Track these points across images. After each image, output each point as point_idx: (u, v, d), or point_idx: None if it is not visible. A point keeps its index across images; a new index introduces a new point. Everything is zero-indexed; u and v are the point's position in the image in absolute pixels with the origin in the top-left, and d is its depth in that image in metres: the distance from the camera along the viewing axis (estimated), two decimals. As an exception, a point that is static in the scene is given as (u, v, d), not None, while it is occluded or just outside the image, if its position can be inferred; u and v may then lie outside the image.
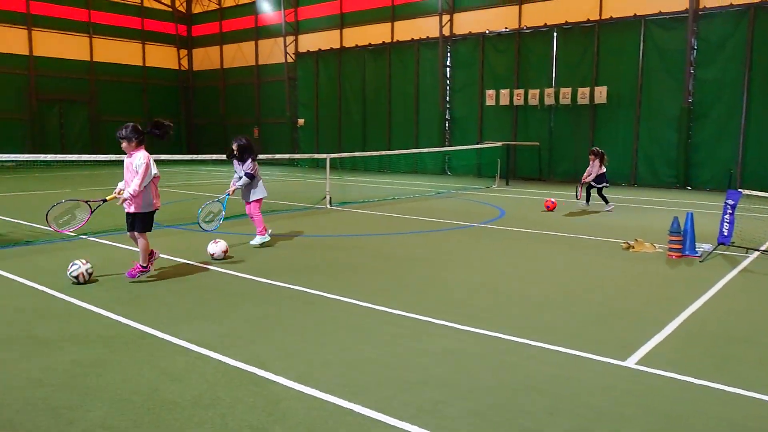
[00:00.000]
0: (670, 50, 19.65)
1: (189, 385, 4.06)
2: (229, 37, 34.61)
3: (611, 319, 5.60)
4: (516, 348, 4.81)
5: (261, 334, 5.12)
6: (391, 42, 26.88)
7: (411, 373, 4.27)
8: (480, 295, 6.44)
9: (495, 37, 23.69)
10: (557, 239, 9.94)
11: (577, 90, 21.25)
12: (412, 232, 10.60)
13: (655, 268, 7.86)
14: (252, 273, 7.27)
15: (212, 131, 36.24)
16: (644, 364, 4.46)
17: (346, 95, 28.96)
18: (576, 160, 21.91)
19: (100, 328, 5.23)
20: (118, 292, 6.46)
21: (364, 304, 5.98)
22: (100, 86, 32.80)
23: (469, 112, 24.82)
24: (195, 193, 16.82)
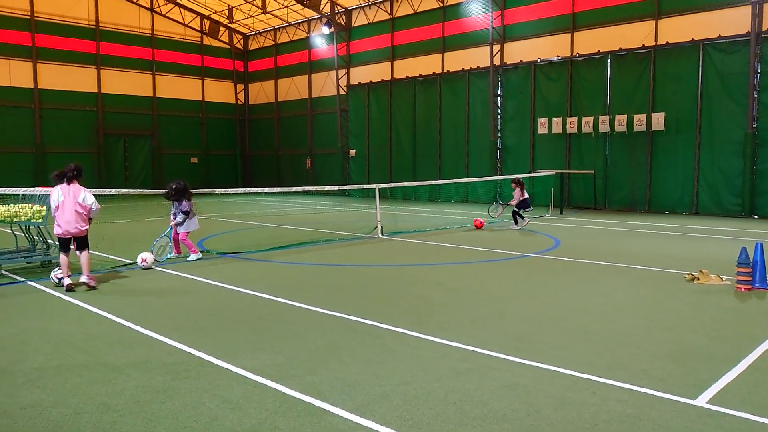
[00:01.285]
0: (732, 74, 19.07)
1: (248, 414, 4.09)
2: (284, 72, 35.64)
3: (679, 355, 5.37)
4: (580, 384, 4.66)
5: (319, 364, 5.13)
6: (442, 72, 27.09)
7: (470, 408, 4.19)
8: (540, 328, 6.29)
9: (546, 65, 23.57)
10: (616, 270, 9.66)
11: (633, 117, 20.81)
12: (466, 263, 10.50)
13: (723, 301, 7.51)
14: (310, 303, 7.33)
15: (266, 163, 37.15)
16: (716, 404, 4.24)
17: (396, 126, 29.24)
18: (633, 188, 21.37)
19: (163, 356, 5.36)
20: (180, 320, 6.62)
21: (423, 336, 5.93)
22: (162, 121, 34.21)
23: (520, 141, 24.63)
24: (251, 223, 17.19)
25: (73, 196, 8.06)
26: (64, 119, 30.32)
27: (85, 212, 8.13)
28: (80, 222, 8.08)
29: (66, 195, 8.05)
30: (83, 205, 8.10)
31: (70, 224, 8.02)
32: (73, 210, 8.01)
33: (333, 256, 11.19)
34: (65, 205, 8.01)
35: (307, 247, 12.38)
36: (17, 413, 4.14)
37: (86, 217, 8.17)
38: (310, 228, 15.81)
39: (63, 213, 8.02)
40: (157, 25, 33.71)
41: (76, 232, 8.09)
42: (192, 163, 35.61)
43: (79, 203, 8.06)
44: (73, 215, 8.01)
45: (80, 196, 8.10)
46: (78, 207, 8.06)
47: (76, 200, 8.04)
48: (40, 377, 4.82)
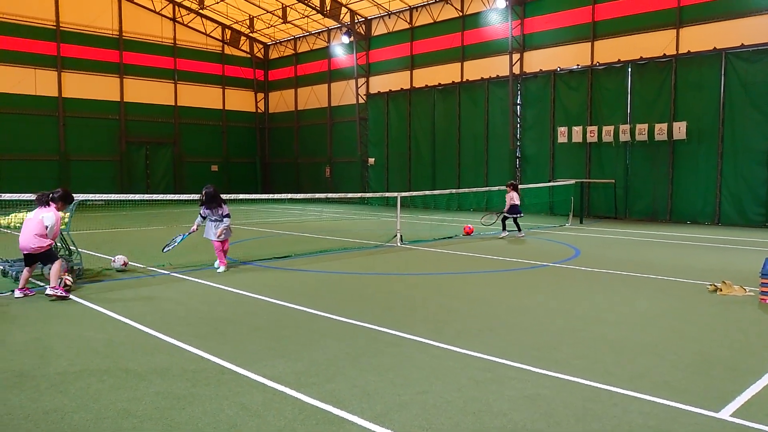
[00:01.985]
0: (756, 83, 18.81)
1: (267, 422, 4.11)
2: (303, 80, 35.91)
3: (702, 367, 5.28)
4: (601, 395, 4.61)
5: (338, 372, 5.14)
6: (461, 81, 27.09)
7: (490, 419, 4.16)
8: (561, 338, 6.23)
9: (566, 74, 23.46)
10: (637, 280, 9.55)
11: (654, 126, 20.60)
12: (486, 272, 10.46)
13: (746, 312, 7.38)
14: (329, 311, 7.35)
15: (286, 171, 37.41)
16: (740, 417, 4.17)
17: (415, 134, 29.28)
18: (654, 197, 21.13)
19: (183, 362, 5.40)
20: (200, 327, 6.67)
21: (442, 345, 5.91)
22: (183, 129, 34.63)
23: (540, 150, 24.51)
24: (270, 231, 17.30)
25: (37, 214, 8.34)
26: (88, 127, 30.82)
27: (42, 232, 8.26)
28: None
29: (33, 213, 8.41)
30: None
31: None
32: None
33: (352, 265, 11.21)
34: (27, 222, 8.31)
35: (326, 255, 12.42)
36: (40, 417, 4.20)
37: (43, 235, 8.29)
38: (329, 236, 15.86)
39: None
40: (179, 34, 34.20)
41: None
42: (212, 171, 35.97)
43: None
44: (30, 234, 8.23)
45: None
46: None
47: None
48: (62, 382, 4.89)
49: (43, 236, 8.17)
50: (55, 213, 8.30)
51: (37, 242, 8.15)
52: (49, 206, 8.37)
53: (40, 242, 8.15)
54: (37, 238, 8.15)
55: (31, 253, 8.22)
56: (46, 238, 8.20)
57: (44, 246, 8.19)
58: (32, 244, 8.16)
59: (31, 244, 8.15)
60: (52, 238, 8.28)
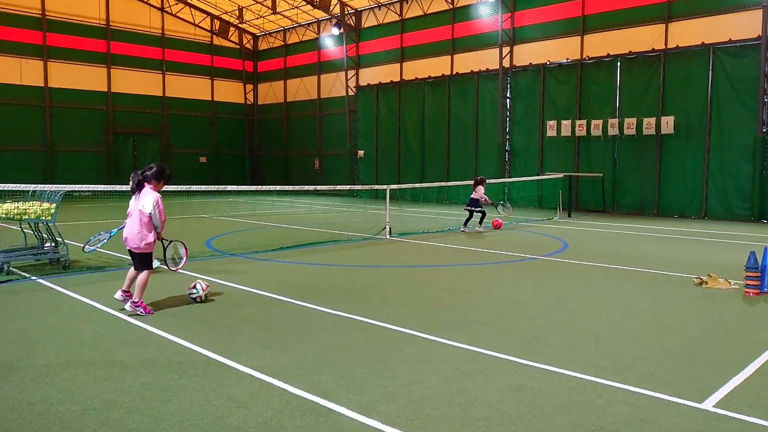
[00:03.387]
0: (742, 78, 18.96)
1: (254, 413, 4.11)
2: (293, 72, 35.74)
3: (687, 359, 5.34)
4: (587, 386, 4.65)
5: (326, 363, 5.15)
6: (451, 74, 27.08)
7: (476, 409, 4.19)
8: (548, 331, 6.28)
9: (556, 68, 23.51)
10: (624, 273, 9.62)
11: (642, 120, 20.72)
12: (475, 264, 10.49)
13: (731, 305, 7.47)
14: (317, 303, 7.35)
15: (275, 163, 37.28)
16: (723, 408, 4.22)
17: (405, 127, 29.25)
18: (642, 191, 21.28)
19: (171, 354, 5.39)
20: (188, 319, 6.65)
21: (431, 337, 5.93)
22: (172, 120, 34.39)
23: (529, 143, 24.58)
24: (259, 222, 17.25)
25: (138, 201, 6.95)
26: (74, 118, 30.54)
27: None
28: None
29: (135, 200, 6.99)
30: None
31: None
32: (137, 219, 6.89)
33: (341, 257, 11.21)
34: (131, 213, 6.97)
35: (315, 247, 12.41)
36: (25, 409, 4.17)
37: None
38: (318, 228, 15.84)
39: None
40: (168, 24, 33.90)
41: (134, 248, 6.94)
42: (201, 162, 35.78)
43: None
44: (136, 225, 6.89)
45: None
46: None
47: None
48: (48, 374, 4.86)
49: (147, 228, 6.85)
50: (153, 195, 6.86)
51: (141, 238, 6.82)
52: (145, 188, 6.94)
53: (144, 238, 6.82)
54: (141, 232, 6.81)
55: (132, 251, 6.93)
56: (151, 230, 6.88)
57: (149, 243, 6.88)
58: (136, 241, 6.82)
59: (134, 242, 6.83)
60: (160, 228, 6.98)
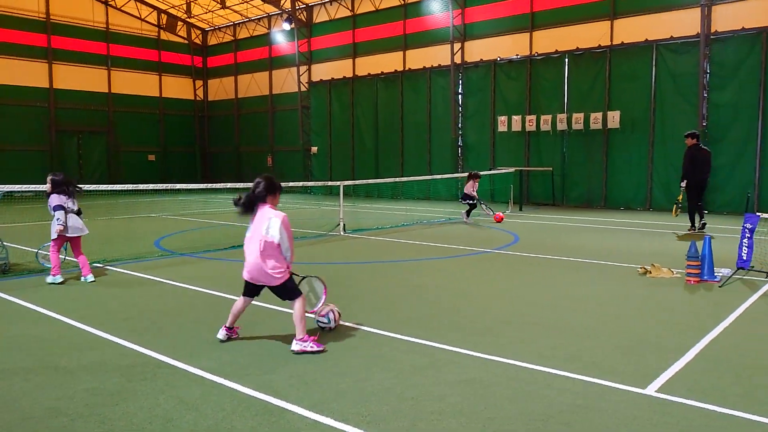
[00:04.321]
0: (683, 74, 19.65)
1: (205, 415, 4.04)
2: (244, 68, 35.20)
3: (631, 347, 5.52)
4: (536, 376, 4.75)
5: (278, 363, 5.10)
6: (403, 70, 27.17)
7: (428, 403, 4.23)
8: (500, 323, 6.38)
9: (506, 64, 23.87)
10: (573, 264, 9.87)
11: (589, 115, 21.26)
12: (427, 259, 10.58)
13: (673, 293, 7.75)
14: (270, 302, 7.26)
15: (226, 160, 36.68)
16: (664, 392, 4.38)
17: (358, 123, 29.21)
18: (590, 184, 21.83)
19: (118, 358, 5.24)
20: (136, 321, 6.49)
21: (384, 333, 5.95)
22: (118, 117, 33.41)
23: (481, 139, 24.90)
24: (210, 221, 16.95)
25: (257, 227, 5.66)
26: (14, 115, 29.31)
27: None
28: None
29: (253, 225, 5.72)
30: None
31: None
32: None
33: (295, 254, 11.10)
34: (250, 242, 5.68)
35: (267, 245, 12.25)
36: (-38, 419, 4.00)
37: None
38: (271, 226, 15.65)
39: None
40: (112, 19, 32.90)
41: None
42: (149, 160, 34.92)
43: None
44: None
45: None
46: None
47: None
48: (-14, 382, 4.66)
49: (278, 258, 5.59)
50: (278, 216, 5.58)
51: (272, 273, 5.55)
52: (263, 208, 5.65)
53: (277, 270, 5.57)
54: (271, 264, 5.55)
55: (265, 285, 5.66)
56: (282, 259, 5.63)
57: (284, 271, 5.63)
58: (266, 277, 5.56)
59: (265, 278, 5.57)
60: (289, 257, 5.72)
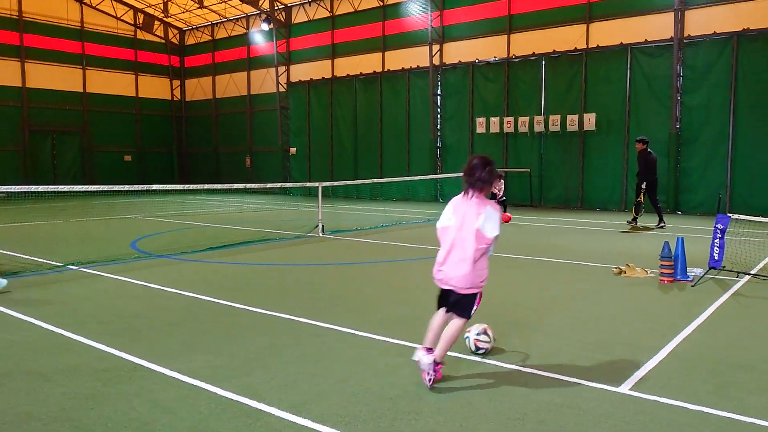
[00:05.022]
0: (657, 77, 19.99)
1: (181, 418, 4.02)
2: (222, 68, 34.96)
3: (606, 346, 5.61)
4: (512, 376, 4.81)
5: (257, 365, 5.09)
6: (382, 71, 27.22)
7: (406, 403, 4.25)
8: (476, 323, 6.42)
9: (484, 66, 24.05)
10: (549, 265, 9.98)
11: (566, 117, 21.51)
12: (407, 260, 10.61)
13: (647, 293, 7.89)
14: (249, 304, 7.24)
15: (204, 161, 36.39)
16: (638, 390, 4.46)
17: (337, 124, 29.19)
18: (567, 186, 22.09)
19: (93, 361, 5.18)
20: (112, 324, 6.41)
21: (363, 334, 5.96)
22: (93, 117, 32.95)
23: (459, 140, 25.05)
24: (188, 222, 16.80)
25: (466, 217, 4.60)
26: (-15, 115, 28.79)
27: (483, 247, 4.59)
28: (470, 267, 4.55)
29: (458, 214, 4.65)
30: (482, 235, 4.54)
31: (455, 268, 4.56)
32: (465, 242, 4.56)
33: (273, 256, 11.08)
34: (453, 233, 4.63)
35: (246, 246, 12.21)
36: (-68, 426, 3.92)
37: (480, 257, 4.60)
38: (250, 227, 15.60)
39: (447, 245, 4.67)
40: (87, 17, 32.44)
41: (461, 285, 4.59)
42: (125, 160, 34.49)
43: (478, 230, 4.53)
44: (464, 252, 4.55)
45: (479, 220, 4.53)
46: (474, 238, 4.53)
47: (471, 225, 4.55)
48: (-43, 387, 4.58)
49: (485, 258, 4.67)
50: (495, 210, 4.63)
51: (476, 274, 4.57)
52: (477, 196, 4.66)
53: (482, 271, 4.63)
54: (477, 264, 4.57)
55: (456, 291, 4.61)
56: (486, 265, 4.69)
57: (484, 281, 4.68)
58: (467, 278, 4.54)
59: (465, 280, 4.55)
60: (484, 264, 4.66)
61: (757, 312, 6.92)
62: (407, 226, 15.85)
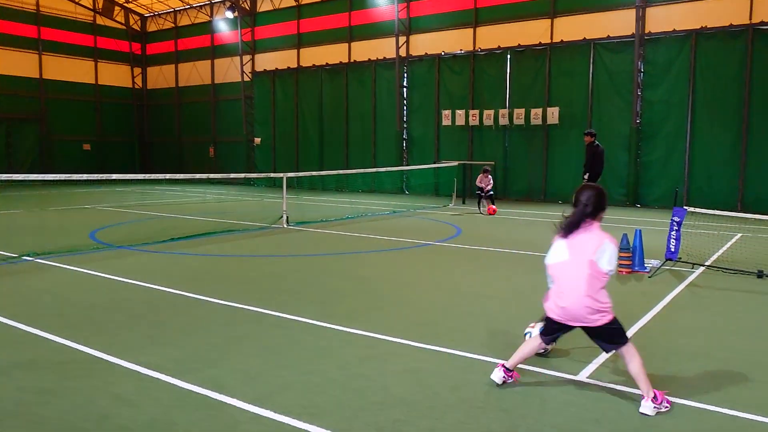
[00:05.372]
0: (619, 72, 20.39)
1: (142, 410, 3.96)
2: (185, 56, 34.29)
3: (566, 335, 5.71)
4: (476, 365, 4.87)
5: (221, 357, 5.04)
6: (348, 62, 27.09)
7: (372, 394, 4.27)
8: (442, 314, 6.49)
9: (450, 59, 24.15)
10: (512, 256, 10.12)
11: (530, 111, 21.79)
12: (372, 251, 10.63)
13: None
14: (212, 295, 7.16)
15: (167, 150, 35.72)
16: (595, 378, 4.59)
17: (303, 114, 28.97)
18: (530, 178, 22.39)
19: (51, 354, 5.06)
20: (70, 316, 6.26)
21: (328, 325, 5.95)
22: (51, 104, 31.98)
23: (425, 132, 25.14)
24: (149, 213, 16.49)
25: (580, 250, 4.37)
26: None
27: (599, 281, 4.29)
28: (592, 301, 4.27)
29: (571, 247, 4.45)
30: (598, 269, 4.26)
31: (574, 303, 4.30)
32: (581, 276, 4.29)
33: (237, 247, 10.97)
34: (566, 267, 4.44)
35: (209, 237, 12.05)
36: None
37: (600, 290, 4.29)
38: (213, 218, 15.39)
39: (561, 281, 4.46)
40: (43, 0, 31.37)
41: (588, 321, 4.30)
42: (85, 149, 33.60)
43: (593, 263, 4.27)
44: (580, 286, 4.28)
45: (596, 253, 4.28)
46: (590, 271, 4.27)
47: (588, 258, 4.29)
48: None
49: (604, 291, 4.32)
50: (611, 243, 4.32)
51: (596, 308, 4.26)
52: (589, 227, 4.40)
53: (602, 305, 4.28)
54: (595, 299, 4.26)
55: (586, 325, 4.33)
56: (605, 293, 4.33)
57: (608, 308, 4.31)
58: (588, 314, 4.27)
59: (586, 316, 4.28)
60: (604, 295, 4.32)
61: (710, 302, 7.16)
62: (373, 218, 15.87)
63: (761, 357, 5.17)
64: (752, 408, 4.06)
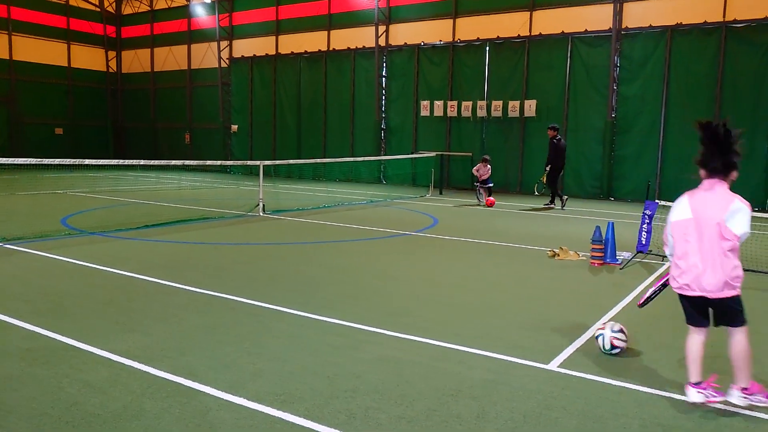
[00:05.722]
0: (596, 66, 20.58)
1: (112, 398, 3.93)
2: (161, 40, 33.71)
3: (538, 325, 5.81)
4: (448, 354, 4.92)
5: (193, 344, 5.01)
6: (327, 50, 26.91)
7: (344, 381, 4.30)
8: (416, 303, 6.53)
9: (430, 49, 24.13)
10: (487, 247, 10.21)
11: (508, 103, 21.90)
12: (348, 241, 10.63)
13: (578, 275, 8.20)
14: (185, 283, 7.10)
15: (142, 136, 35.14)
16: (566, 367, 4.66)
17: (281, 102, 28.73)
18: (507, 170, 22.54)
19: (18, 341, 4.98)
20: (39, 303, 6.17)
21: (301, 314, 5.96)
22: (21, 87, 31.22)
23: (404, 122, 25.13)
24: (123, 199, 16.26)
25: (712, 214, 3.97)
26: None
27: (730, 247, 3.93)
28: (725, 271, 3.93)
29: (696, 209, 4.04)
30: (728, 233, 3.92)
31: (710, 274, 3.95)
32: (714, 244, 3.95)
33: (212, 235, 10.88)
34: (694, 233, 4.03)
35: (183, 225, 11.94)
36: None
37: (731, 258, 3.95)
38: (188, 205, 15.24)
39: (689, 247, 4.05)
40: (14, -20, 30.57)
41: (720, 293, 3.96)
42: (57, 134, 32.91)
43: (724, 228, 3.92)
44: (714, 255, 3.94)
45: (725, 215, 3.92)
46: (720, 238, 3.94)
47: (717, 222, 3.93)
48: None
49: (735, 255, 3.96)
50: (744, 203, 3.95)
51: (728, 273, 3.92)
52: (721, 185, 4.00)
53: (735, 270, 3.95)
54: (727, 261, 3.93)
55: (716, 299, 3.98)
56: (734, 261, 3.95)
57: (735, 276, 3.95)
58: (720, 280, 3.92)
59: (718, 282, 3.93)
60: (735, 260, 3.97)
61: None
62: (350, 207, 15.86)
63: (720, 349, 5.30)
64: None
